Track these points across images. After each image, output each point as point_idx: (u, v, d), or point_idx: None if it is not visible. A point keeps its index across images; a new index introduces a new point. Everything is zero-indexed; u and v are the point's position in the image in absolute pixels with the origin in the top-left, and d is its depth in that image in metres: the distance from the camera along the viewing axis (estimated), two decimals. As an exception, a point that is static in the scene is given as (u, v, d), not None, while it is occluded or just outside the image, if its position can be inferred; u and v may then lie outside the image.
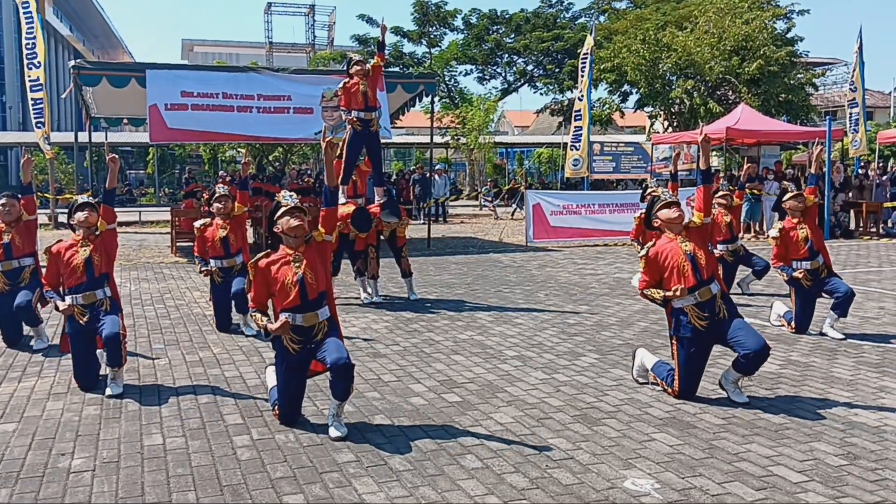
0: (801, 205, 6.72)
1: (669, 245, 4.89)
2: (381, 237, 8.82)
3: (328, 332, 4.41)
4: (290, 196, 4.49)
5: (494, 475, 3.74)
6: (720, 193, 8.28)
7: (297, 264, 4.35)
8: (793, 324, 6.85)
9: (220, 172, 26.31)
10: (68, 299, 5.12)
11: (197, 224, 7.17)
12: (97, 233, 5.20)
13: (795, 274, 6.66)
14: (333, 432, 4.24)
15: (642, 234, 8.28)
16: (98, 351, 5.22)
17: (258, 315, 4.42)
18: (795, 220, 6.76)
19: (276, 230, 4.43)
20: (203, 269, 7.08)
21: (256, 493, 3.55)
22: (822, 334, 6.74)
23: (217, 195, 7.05)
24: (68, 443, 4.18)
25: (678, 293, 4.70)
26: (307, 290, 4.32)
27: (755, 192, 15.59)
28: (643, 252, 4.97)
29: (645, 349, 5.41)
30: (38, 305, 6.38)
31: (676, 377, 4.92)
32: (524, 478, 3.71)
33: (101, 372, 5.28)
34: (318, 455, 4.00)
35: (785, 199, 6.85)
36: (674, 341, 4.96)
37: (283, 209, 4.41)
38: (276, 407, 4.51)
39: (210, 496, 3.52)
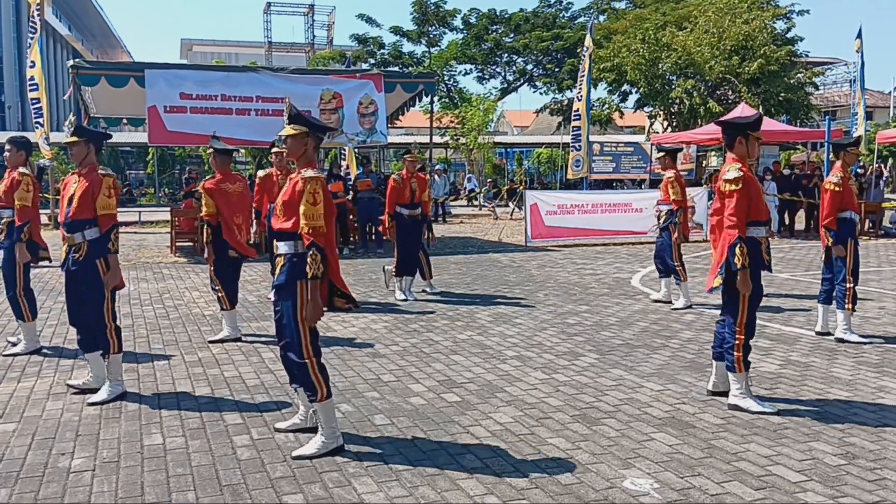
0: (857, 159, 6.99)
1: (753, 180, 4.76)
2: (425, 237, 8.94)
3: (282, 268, 4.11)
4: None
5: (494, 475, 3.75)
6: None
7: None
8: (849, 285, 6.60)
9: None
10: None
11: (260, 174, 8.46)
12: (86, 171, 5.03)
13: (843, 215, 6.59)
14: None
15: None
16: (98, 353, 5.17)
17: None
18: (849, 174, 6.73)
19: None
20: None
21: (256, 492, 3.55)
22: (840, 340, 6.58)
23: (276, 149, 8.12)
24: (68, 443, 4.18)
25: None
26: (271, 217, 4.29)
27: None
28: (735, 175, 4.63)
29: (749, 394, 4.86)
30: (24, 300, 6.25)
31: (745, 313, 4.67)
32: (523, 477, 3.71)
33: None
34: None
35: (850, 147, 6.76)
36: (739, 276, 4.60)
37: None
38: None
39: (210, 496, 3.52)
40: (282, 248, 4.09)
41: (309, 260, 3.90)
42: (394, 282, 8.81)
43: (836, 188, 6.57)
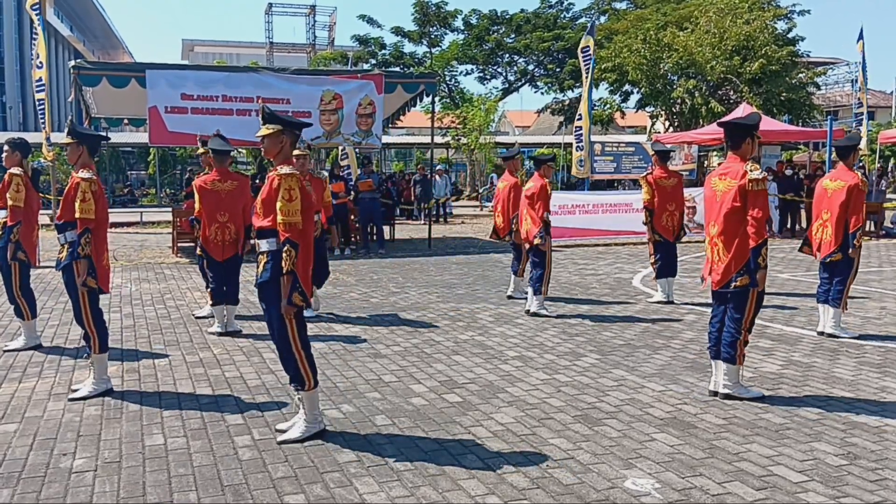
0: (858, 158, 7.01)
1: None
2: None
3: (265, 265, 4.21)
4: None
5: (495, 475, 3.75)
6: None
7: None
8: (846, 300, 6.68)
9: None
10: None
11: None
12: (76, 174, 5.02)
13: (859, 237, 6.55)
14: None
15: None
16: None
17: None
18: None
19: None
20: None
21: (258, 493, 3.55)
22: (831, 336, 6.68)
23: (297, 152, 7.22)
24: (69, 443, 4.19)
25: None
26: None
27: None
28: (762, 175, 4.75)
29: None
30: (22, 299, 6.28)
31: (752, 310, 4.87)
32: (525, 478, 3.71)
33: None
34: (319, 455, 4.00)
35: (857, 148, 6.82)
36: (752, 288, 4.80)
37: None
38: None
39: (211, 496, 3.52)
40: (263, 245, 4.19)
41: (284, 255, 4.02)
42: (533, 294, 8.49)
43: (864, 184, 6.64)
